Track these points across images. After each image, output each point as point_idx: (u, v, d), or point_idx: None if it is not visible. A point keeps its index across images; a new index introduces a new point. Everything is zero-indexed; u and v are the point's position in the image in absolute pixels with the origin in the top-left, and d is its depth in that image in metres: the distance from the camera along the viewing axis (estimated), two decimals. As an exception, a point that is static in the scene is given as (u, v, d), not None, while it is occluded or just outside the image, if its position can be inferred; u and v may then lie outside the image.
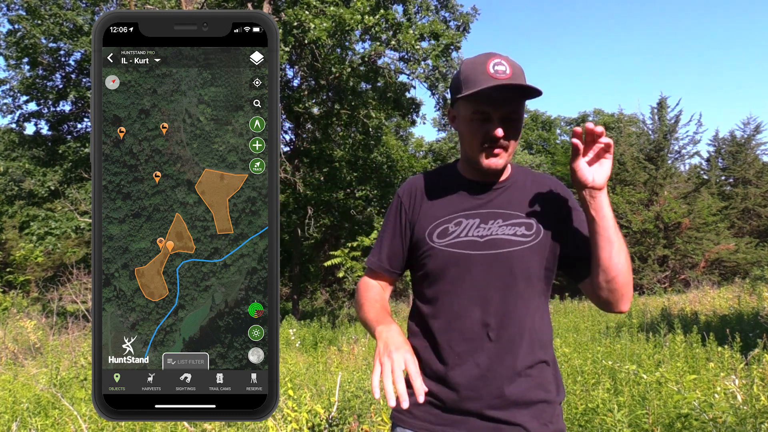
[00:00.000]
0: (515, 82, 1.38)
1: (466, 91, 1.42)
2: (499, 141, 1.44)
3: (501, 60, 1.42)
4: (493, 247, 1.45)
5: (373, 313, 1.50)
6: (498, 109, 1.42)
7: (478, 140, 1.46)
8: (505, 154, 1.47)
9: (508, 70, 1.40)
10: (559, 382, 1.52)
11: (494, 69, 1.40)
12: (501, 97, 1.41)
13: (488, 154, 1.46)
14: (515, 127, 1.46)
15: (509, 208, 1.49)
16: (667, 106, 22.05)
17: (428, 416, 1.45)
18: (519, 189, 1.54)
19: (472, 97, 1.42)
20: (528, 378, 1.43)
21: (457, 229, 1.48)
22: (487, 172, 1.49)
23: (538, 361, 1.46)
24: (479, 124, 1.45)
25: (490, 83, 1.38)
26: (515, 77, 1.40)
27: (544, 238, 1.47)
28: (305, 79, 16.83)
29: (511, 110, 1.43)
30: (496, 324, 1.43)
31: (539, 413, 1.42)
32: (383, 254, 1.60)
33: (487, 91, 1.38)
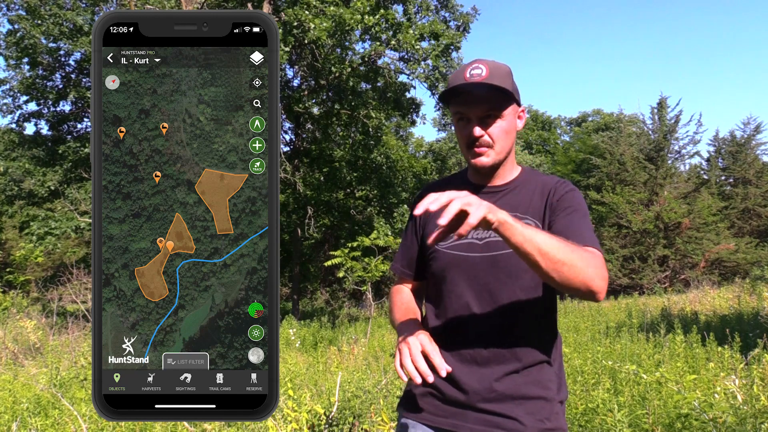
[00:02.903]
0: (482, 82, 1.45)
1: (442, 93, 1.51)
2: (479, 140, 1.49)
3: (480, 64, 1.48)
4: (492, 249, 1.48)
5: (399, 314, 1.62)
6: (471, 108, 1.49)
7: (463, 141, 1.54)
8: (492, 152, 1.51)
9: (484, 72, 1.46)
10: (561, 382, 1.54)
11: (470, 73, 1.47)
12: (472, 96, 1.47)
13: (473, 154, 1.52)
14: (495, 125, 1.50)
15: (512, 210, 1.48)
16: (667, 106, 22.06)
17: (431, 408, 1.52)
18: (525, 191, 1.56)
19: (444, 98, 1.51)
20: (525, 375, 1.47)
21: None
22: (479, 170, 1.56)
23: (539, 361, 1.49)
24: (462, 125, 1.53)
25: (459, 83, 1.47)
26: (490, 78, 1.45)
27: None
28: (305, 79, 16.84)
29: (485, 109, 1.48)
30: (493, 324, 1.48)
31: (536, 409, 1.45)
32: (403, 260, 1.72)
33: (454, 89, 1.46)
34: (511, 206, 1.51)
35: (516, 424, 1.43)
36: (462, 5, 16.13)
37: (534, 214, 1.51)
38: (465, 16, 15.91)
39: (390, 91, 15.83)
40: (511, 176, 1.60)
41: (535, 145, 37.42)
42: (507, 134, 1.52)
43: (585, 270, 1.26)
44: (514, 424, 1.43)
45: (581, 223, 1.44)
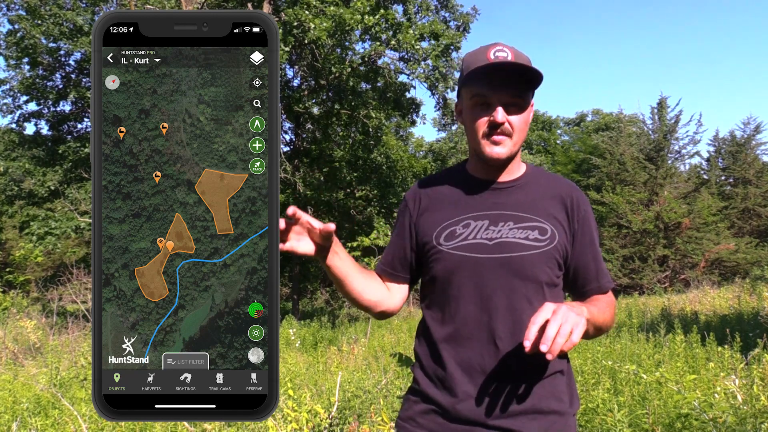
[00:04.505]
0: (514, 61, 1.33)
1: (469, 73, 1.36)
2: (501, 127, 1.36)
3: (504, 47, 1.36)
4: (503, 251, 1.37)
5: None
6: (497, 91, 1.35)
7: (479, 128, 1.38)
8: (510, 142, 1.38)
9: (509, 56, 1.34)
10: (573, 392, 1.45)
11: (495, 55, 1.34)
12: (499, 79, 1.34)
13: (490, 143, 1.38)
14: (519, 114, 1.38)
15: (522, 210, 1.42)
16: (667, 106, 22.05)
17: (432, 425, 1.40)
18: (533, 189, 1.46)
19: (470, 78, 1.36)
20: (539, 388, 1.37)
21: (465, 231, 1.41)
22: (491, 162, 1.41)
23: (552, 371, 1.40)
24: (480, 109, 1.38)
25: (484, 63, 1.33)
26: (517, 61, 1.34)
27: (558, 244, 1.40)
28: (305, 79, 16.83)
29: (511, 94, 1.36)
30: (504, 331, 1.36)
31: (550, 425, 1.35)
32: (387, 258, 1.56)
33: (483, 69, 1.33)
34: (518, 204, 1.42)
35: None
36: (462, 5, 16.13)
37: (544, 215, 1.41)
38: (465, 16, 15.91)
39: (390, 91, 15.83)
40: (519, 173, 1.48)
41: (535, 145, 37.43)
42: (525, 125, 1.41)
43: (609, 325, 1.43)
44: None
45: (599, 253, 1.50)
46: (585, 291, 1.47)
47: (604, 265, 1.49)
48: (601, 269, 1.48)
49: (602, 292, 1.47)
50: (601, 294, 1.47)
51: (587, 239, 1.46)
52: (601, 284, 1.46)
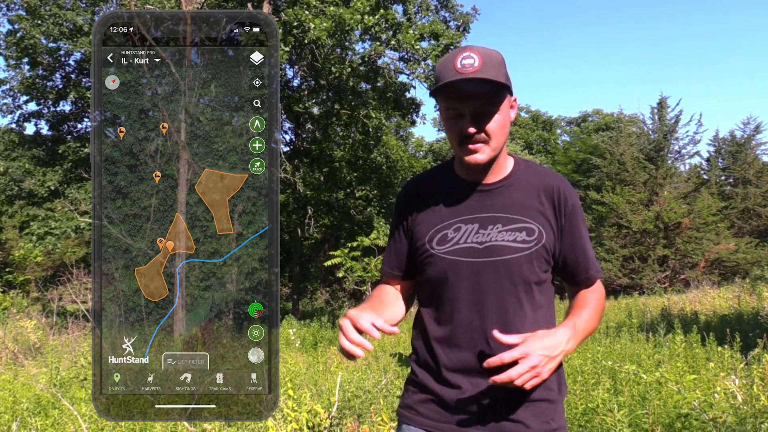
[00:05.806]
0: (478, 76, 1.35)
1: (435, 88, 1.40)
2: (473, 137, 1.40)
3: (471, 53, 1.38)
4: (493, 254, 1.44)
5: (365, 303, 1.55)
6: (466, 104, 1.38)
7: (454, 137, 1.44)
8: (487, 148, 1.42)
9: (476, 62, 1.36)
10: (561, 380, 1.53)
11: (462, 63, 1.36)
12: (467, 91, 1.37)
13: (467, 151, 1.42)
14: (491, 120, 1.41)
15: (509, 211, 1.47)
16: (667, 106, 22.05)
17: (433, 414, 1.48)
18: (520, 188, 1.50)
19: (438, 93, 1.40)
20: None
21: (456, 235, 1.47)
22: (472, 168, 1.47)
23: None
24: (453, 121, 1.42)
25: (453, 78, 1.36)
26: (484, 70, 1.36)
27: (546, 243, 1.46)
28: (305, 79, 16.83)
29: (481, 104, 1.39)
30: (498, 331, 1.41)
31: (540, 411, 1.44)
32: (391, 261, 1.62)
33: (449, 85, 1.36)
34: (506, 206, 1.47)
35: (521, 427, 1.41)
36: (462, 5, 16.13)
37: (532, 215, 1.46)
38: (465, 16, 15.91)
39: (390, 91, 15.83)
40: (504, 172, 1.52)
41: (535, 145, 37.44)
42: (503, 128, 1.44)
43: (596, 327, 1.56)
44: (520, 426, 1.41)
45: (587, 244, 1.56)
46: (575, 281, 1.57)
47: (592, 254, 1.56)
48: (590, 260, 1.55)
49: (591, 282, 1.57)
50: (590, 285, 1.58)
51: (575, 233, 1.52)
52: (590, 275, 1.56)
